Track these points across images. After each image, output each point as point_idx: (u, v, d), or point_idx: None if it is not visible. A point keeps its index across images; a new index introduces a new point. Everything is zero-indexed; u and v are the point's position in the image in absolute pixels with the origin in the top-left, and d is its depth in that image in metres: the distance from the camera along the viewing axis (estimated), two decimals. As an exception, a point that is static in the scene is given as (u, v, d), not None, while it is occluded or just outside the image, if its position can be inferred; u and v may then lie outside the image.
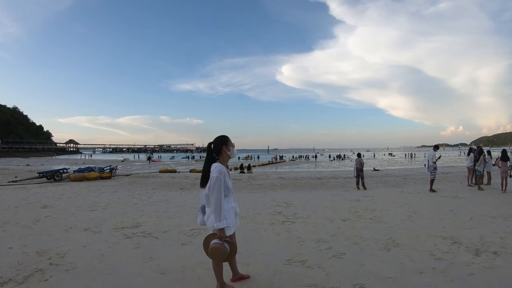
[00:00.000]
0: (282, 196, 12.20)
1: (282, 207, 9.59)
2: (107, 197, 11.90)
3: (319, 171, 32.15)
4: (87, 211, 9.00)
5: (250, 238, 6.17)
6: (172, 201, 11.01)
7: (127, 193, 13.01)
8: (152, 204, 10.19)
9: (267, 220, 7.77)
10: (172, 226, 7.08)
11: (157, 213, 8.71)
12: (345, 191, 13.48)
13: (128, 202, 10.72)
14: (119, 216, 8.27)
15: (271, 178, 21.04)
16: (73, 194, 12.62)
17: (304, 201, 10.70)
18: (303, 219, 7.92)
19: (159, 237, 6.19)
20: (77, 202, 10.70)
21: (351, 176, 20.68)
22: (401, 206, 9.52)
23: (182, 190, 14.28)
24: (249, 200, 10.94)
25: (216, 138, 3.64)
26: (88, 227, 7.00)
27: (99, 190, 14.18)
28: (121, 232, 6.58)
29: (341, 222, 7.53)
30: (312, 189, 14.57)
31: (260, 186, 15.96)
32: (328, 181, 18.03)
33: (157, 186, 16.18)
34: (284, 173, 27.09)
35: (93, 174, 19.70)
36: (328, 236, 6.28)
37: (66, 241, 5.96)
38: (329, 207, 9.50)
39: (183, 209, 9.36)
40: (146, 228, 6.88)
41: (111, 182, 18.30)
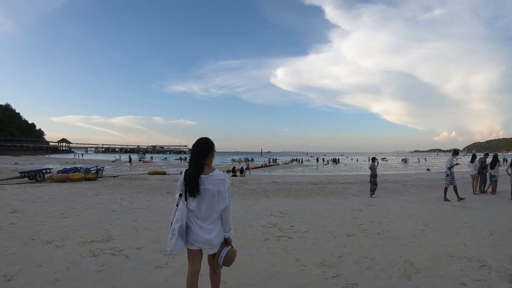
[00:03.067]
0: (276, 203, 11.30)
1: (277, 218, 8.69)
2: (85, 201, 10.91)
3: (313, 175, 31.50)
4: (58, 218, 8.03)
5: (238, 259, 5.22)
6: (155, 207, 10.05)
7: (108, 197, 12.01)
8: (132, 212, 9.23)
9: (260, 235, 6.84)
10: (148, 241, 6.12)
11: (135, 223, 7.75)
12: (344, 199, 12.63)
13: (106, 208, 9.75)
14: (91, 225, 7.31)
15: (264, 182, 20.06)
16: (50, 197, 11.60)
17: (301, 210, 9.85)
18: (302, 233, 7.00)
19: (131, 255, 5.24)
20: (51, 206, 9.71)
21: (347, 181, 20.20)
22: (409, 218, 8.72)
23: (169, 195, 13.25)
24: (240, 208, 10.02)
25: (207, 140, 3.12)
26: (51, 240, 6.04)
27: (79, 193, 13.17)
28: (88, 247, 5.62)
29: (346, 238, 6.60)
30: (308, 195, 13.69)
31: (253, 191, 14.98)
32: (324, 187, 17.12)
33: (143, 189, 15.16)
34: (278, 177, 26.18)
35: (77, 175, 18.62)
36: (333, 257, 5.33)
37: (20, 257, 5.01)
38: (329, 218, 8.62)
39: (165, 218, 8.34)
40: (118, 243, 5.92)
41: (95, 184, 17.28)
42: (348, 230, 7.20)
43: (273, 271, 4.70)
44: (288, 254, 5.49)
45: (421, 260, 5.13)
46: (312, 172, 40.08)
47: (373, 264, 4.96)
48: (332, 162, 69.54)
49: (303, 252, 5.59)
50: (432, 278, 4.40)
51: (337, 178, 24.51)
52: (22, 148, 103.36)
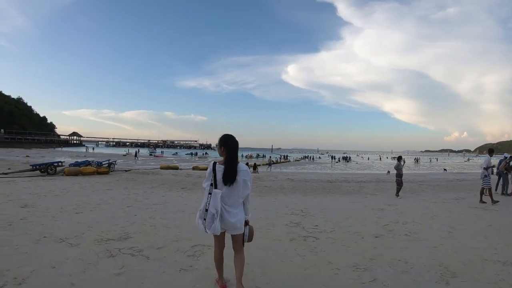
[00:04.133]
0: (295, 201, 10.92)
1: (298, 216, 8.30)
2: (98, 196, 10.57)
3: (327, 173, 31.22)
4: (71, 214, 7.67)
5: (267, 261, 4.83)
6: (171, 203, 9.69)
7: (122, 192, 11.69)
8: (148, 207, 8.85)
9: (285, 235, 6.44)
10: (168, 240, 5.71)
11: (153, 220, 7.35)
12: (362, 198, 12.23)
13: (121, 203, 9.39)
14: (106, 222, 6.92)
15: (279, 179, 19.69)
16: (62, 191, 11.29)
17: (321, 209, 9.45)
18: (327, 233, 6.61)
19: (151, 256, 4.83)
20: (64, 201, 9.37)
21: (363, 180, 19.94)
22: (433, 219, 8.32)
23: (184, 190, 12.97)
24: (259, 206, 9.62)
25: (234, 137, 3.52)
26: (65, 237, 5.65)
27: (92, 187, 12.87)
28: (104, 246, 5.22)
29: (374, 239, 6.25)
30: (326, 193, 13.32)
31: (269, 188, 14.65)
32: (340, 185, 16.76)
33: (157, 184, 14.88)
34: (292, 174, 25.89)
35: (89, 169, 18.41)
36: (365, 260, 4.97)
37: (32, 257, 4.63)
38: (352, 218, 8.22)
39: (183, 215, 8.01)
40: (136, 242, 5.52)
41: (107, 178, 16.98)
42: (374, 231, 6.89)
43: (306, 275, 4.33)
44: (318, 256, 5.12)
45: (455, 264, 4.87)
46: (324, 169, 39.98)
47: (408, 268, 4.67)
48: (343, 160, 69.04)
49: (333, 254, 5.24)
50: (470, 283, 4.18)
51: (352, 176, 24.20)
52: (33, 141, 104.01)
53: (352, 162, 66.22)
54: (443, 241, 6.20)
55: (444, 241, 6.16)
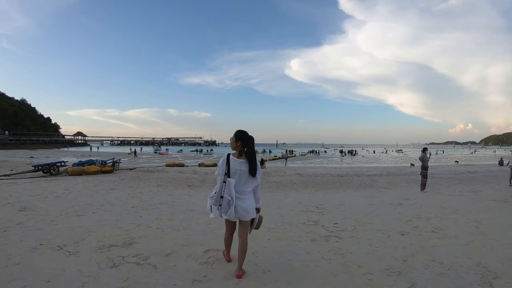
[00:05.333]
0: (308, 197, 10.44)
1: (315, 213, 7.81)
2: (102, 196, 10.08)
3: (335, 167, 30.79)
4: (72, 217, 7.16)
5: (291, 267, 4.31)
6: (178, 203, 9.18)
7: (126, 191, 11.21)
8: (154, 208, 8.34)
9: (305, 235, 5.93)
10: (178, 245, 5.18)
11: (159, 221, 6.82)
12: (377, 192, 11.79)
13: (125, 203, 8.90)
14: (109, 225, 6.41)
15: (287, 174, 19.35)
16: (64, 192, 10.80)
17: (337, 205, 9.00)
18: (350, 232, 6.13)
19: (159, 265, 4.30)
20: (65, 202, 8.88)
21: (373, 173, 19.64)
22: (455, 213, 7.98)
23: (191, 188, 12.49)
24: (271, 203, 9.13)
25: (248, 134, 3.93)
26: (63, 244, 5.13)
27: (95, 187, 12.39)
28: (107, 254, 4.69)
29: (400, 237, 5.81)
30: (338, 188, 12.90)
31: (279, 184, 14.22)
32: (351, 179, 16.37)
33: (163, 182, 14.43)
34: (300, 169, 25.48)
35: (93, 168, 18.00)
36: (398, 262, 4.52)
37: (25, 269, 4.11)
38: (372, 214, 7.80)
39: (192, 215, 7.49)
40: (142, 248, 4.99)
41: (112, 176, 16.59)
42: (399, 228, 6.48)
43: (337, 283, 3.83)
44: (345, 259, 4.64)
45: (493, 263, 4.52)
46: (331, 163, 39.69)
47: (445, 269, 4.28)
48: (349, 154, 68.56)
49: (362, 256, 4.76)
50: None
51: (361, 170, 23.96)
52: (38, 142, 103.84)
53: (358, 155, 65.72)
54: (474, 237, 5.84)
55: (475, 238, 5.80)
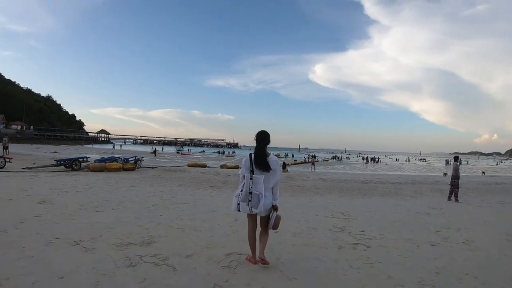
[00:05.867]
0: (333, 203, 10.21)
1: (340, 220, 7.55)
2: (122, 193, 10.03)
3: (358, 173, 30.68)
4: (91, 212, 7.09)
5: (318, 275, 4.05)
6: (200, 203, 9.02)
7: (147, 189, 11.15)
8: (175, 207, 8.19)
9: (331, 241, 5.66)
10: (198, 247, 4.97)
11: (180, 221, 6.64)
12: (403, 200, 11.55)
13: (146, 201, 8.80)
14: (128, 223, 6.27)
15: (310, 179, 19.12)
16: (85, 188, 10.81)
17: (363, 212, 8.79)
18: (378, 240, 5.86)
19: (179, 266, 4.08)
20: (85, 198, 8.86)
21: (398, 181, 19.34)
22: (485, 224, 7.80)
23: (213, 189, 12.35)
24: (295, 207, 8.88)
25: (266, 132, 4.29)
26: (80, 239, 5.00)
27: (116, 183, 12.40)
28: (124, 252, 4.52)
29: (430, 248, 5.55)
30: (363, 195, 12.67)
31: (302, 188, 13.98)
32: (375, 186, 16.08)
33: (184, 182, 14.37)
34: (323, 174, 25.25)
35: (115, 165, 18.13)
36: (430, 274, 4.27)
37: (38, 263, 3.97)
38: (399, 223, 7.56)
39: (214, 216, 7.30)
40: (161, 248, 4.80)
41: (133, 174, 16.65)
42: (428, 238, 6.23)
43: None
44: (375, 269, 4.38)
45: None
46: (354, 170, 39.45)
47: (479, 284, 4.01)
48: (371, 161, 67.62)
49: (391, 266, 4.51)
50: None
51: (385, 177, 23.54)
52: (62, 138, 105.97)
53: (381, 163, 64.84)
54: (506, 250, 5.55)
55: (508, 251, 5.52)
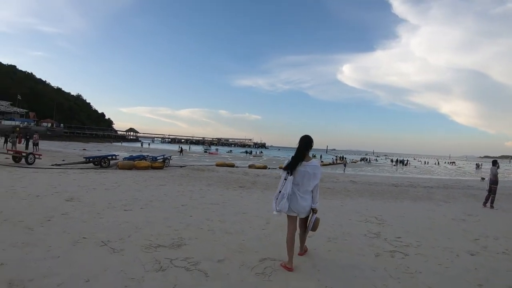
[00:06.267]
0: (365, 206, 9.93)
1: (374, 225, 7.25)
2: (151, 192, 9.94)
3: (388, 176, 30.38)
4: (119, 211, 6.98)
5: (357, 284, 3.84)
6: (230, 203, 8.82)
7: (176, 189, 11.04)
8: (205, 208, 8.01)
9: (367, 248, 5.38)
10: (230, 250, 4.75)
11: (210, 223, 6.43)
12: (436, 205, 11.14)
13: (175, 201, 8.66)
14: (157, 223, 6.10)
15: (340, 181, 18.86)
16: (113, 185, 10.80)
17: (397, 216, 8.51)
18: (415, 248, 5.58)
19: (211, 272, 3.85)
20: (113, 196, 8.80)
21: (429, 185, 18.93)
22: None
23: (242, 189, 12.15)
24: (327, 210, 8.56)
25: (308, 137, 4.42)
26: (108, 239, 4.85)
27: (145, 182, 12.36)
28: (153, 254, 4.33)
29: (470, 257, 5.27)
30: (395, 198, 12.31)
31: (332, 190, 13.66)
32: (407, 190, 15.67)
33: (213, 181, 14.24)
34: (353, 176, 25.04)
35: (143, 163, 18.18)
36: (472, 286, 4.05)
37: (64, 264, 3.83)
38: (435, 229, 7.24)
39: (245, 218, 7.08)
40: (192, 251, 4.59)
41: (162, 173, 16.66)
42: (466, 247, 5.94)
43: None
44: (415, 280, 4.14)
45: None
46: (383, 172, 39.03)
47: None
48: (400, 163, 66.33)
49: (432, 277, 4.27)
50: None
51: (416, 180, 23.11)
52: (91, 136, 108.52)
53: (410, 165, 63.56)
54: None
55: None
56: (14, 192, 8.40)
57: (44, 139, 52.61)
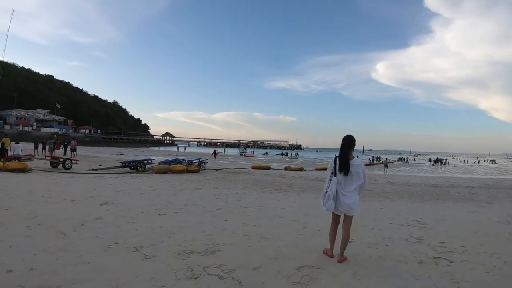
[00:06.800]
0: (405, 208, 9.53)
1: (416, 229, 6.86)
2: (186, 195, 9.95)
3: (427, 176, 29.43)
4: (153, 215, 6.97)
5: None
6: (266, 207, 8.66)
7: (211, 192, 11.03)
8: (240, 211, 7.90)
9: (410, 255, 5.04)
10: (266, 257, 4.55)
11: (245, 227, 6.29)
12: (479, 207, 10.50)
13: (210, 205, 8.60)
14: (191, 228, 6.02)
15: (379, 182, 18.33)
16: (149, 189, 10.90)
17: (439, 219, 8.03)
18: (460, 254, 5.18)
19: (245, 281, 3.67)
20: (148, 200, 8.86)
21: (470, 185, 18.10)
22: None
23: (278, 192, 11.96)
24: (366, 213, 8.20)
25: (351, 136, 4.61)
26: (140, 245, 4.78)
27: (180, 185, 12.44)
28: (186, 261, 4.21)
29: None
30: (436, 200, 11.77)
31: (370, 192, 13.21)
32: (448, 191, 14.97)
33: (248, 184, 14.13)
34: (391, 177, 24.34)
35: (179, 167, 18.42)
36: None
37: (94, 270, 3.78)
38: (480, 233, 6.75)
39: (281, 222, 6.89)
40: (226, 258, 4.44)
41: (197, 176, 16.77)
42: None
43: None
44: None
45: None
46: (422, 172, 38.01)
47: None
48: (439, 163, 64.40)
49: (479, 287, 3.92)
50: None
51: (456, 181, 22.10)
52: (128, 141, 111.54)
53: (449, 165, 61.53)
54: None
55: None
56: (50, 196, 8.60)
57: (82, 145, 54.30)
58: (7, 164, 14.25)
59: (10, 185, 10.35)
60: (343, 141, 4.57)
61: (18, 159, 16.13)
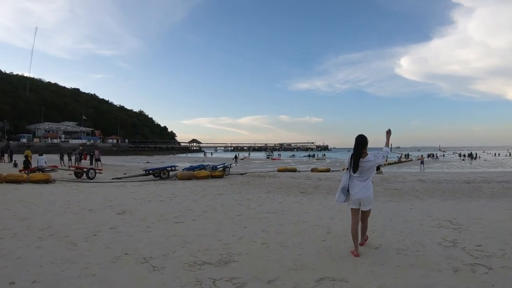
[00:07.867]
0: (436, 208, 8.97)
1: (449, 230, 6.33)
2: (207, 202, 9.77)
3: (458, 172, 28.56)
4: (170, 224, 6.78)
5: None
6: (289, 212, 8.34)
7: (234, 197, 10.80)
8: (261, 217, 7.60)
9: (443, 261, 4.56)
10: (284, 268, 4.22)
11: (265, 234, 5.98)
12: None
13: (230, 211, 8.37)
14: (207, 236, 5.78)
15: (408, 180, 17.55)
16: (169, 197, 10.79)
17: (473, 219, 7.42)
18: (499, 259, 4.62)
19: (259, 294, 3.37)
20: (167, 207, 8.72)
21: (504, 180, 17.15)
22: None
23: (303, 195, 11.61)
24: (395, 215, 7.82)
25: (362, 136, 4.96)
26: (150, 256, 4.56)
27: (203, 191, 12.29)
28: (195, 273, 3.93)
29: None
30: (469, 197, 11.09)
31: (400, 191, 12.69)
32: (480, 186, 14.19)
33: (273, 188, 13.82)
34: (420, 174, 23.64)
35: (203, 173, 18.37)
36: None
37: (98, 283, 3.60)
38: None
39: (304, 228, 6.54)
40: (240, 268, 4.15)
41: (221, 181, 16.63)
42: None
43: None
44: None
45: None
46: (452, 168, 36.99)
47: None
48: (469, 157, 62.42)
49: None
50: None
51: (489, 175, 21.13)
52: (155, 149, 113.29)
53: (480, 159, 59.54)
54: None
55: None
56: (68, 206, 8.58)
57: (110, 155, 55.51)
58: (31, 176, 14.60)
59: (31, 196, 10.45)
60: (356, 140, 4.94)
61: (42, 170, 16.46)
